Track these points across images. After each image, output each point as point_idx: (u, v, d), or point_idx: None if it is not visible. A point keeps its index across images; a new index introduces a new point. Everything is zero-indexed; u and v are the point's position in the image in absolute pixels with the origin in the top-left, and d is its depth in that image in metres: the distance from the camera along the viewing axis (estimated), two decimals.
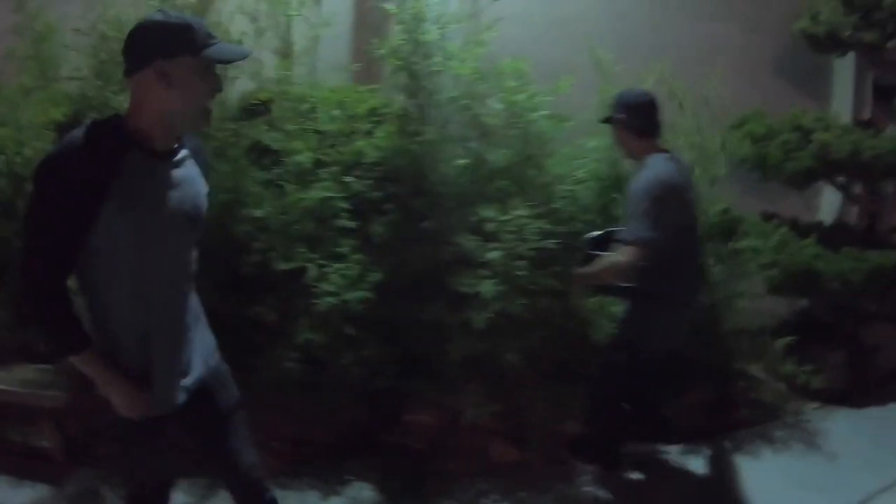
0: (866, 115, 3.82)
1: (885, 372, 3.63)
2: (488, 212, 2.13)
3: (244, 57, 1.29)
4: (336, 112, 2.48)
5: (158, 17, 1.17)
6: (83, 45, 2.62)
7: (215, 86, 1.21)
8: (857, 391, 3.46)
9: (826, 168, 3.24)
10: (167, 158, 1.22)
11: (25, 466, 2.55)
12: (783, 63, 4.06)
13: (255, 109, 2.59)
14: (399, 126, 2.40)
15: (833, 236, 3.47)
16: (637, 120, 2.13)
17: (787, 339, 3.16)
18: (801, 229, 3.48)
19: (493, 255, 2.13)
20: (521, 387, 2.46)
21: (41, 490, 2.43)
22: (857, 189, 3.64)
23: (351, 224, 2.36)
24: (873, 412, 3.38)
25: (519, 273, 2.14)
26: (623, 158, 2.43)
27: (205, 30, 1.18)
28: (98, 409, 1.27)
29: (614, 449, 2.60)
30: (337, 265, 2.30)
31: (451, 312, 2.26)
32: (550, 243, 2.20)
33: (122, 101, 2.35)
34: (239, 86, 2.55)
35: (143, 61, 1.13)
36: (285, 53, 2.64)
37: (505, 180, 2.29)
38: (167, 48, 1.13)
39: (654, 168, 2.08)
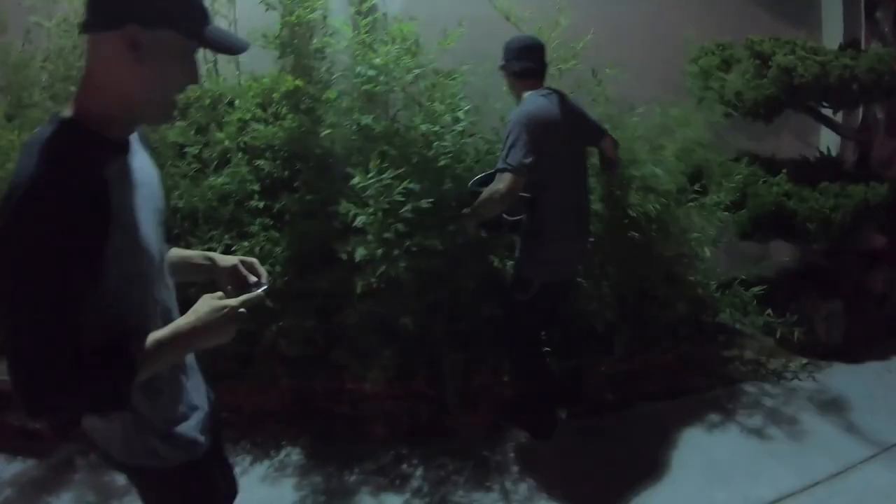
0: (859, 37, 3.38)
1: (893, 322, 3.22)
2: (357, 177, 2.17)
3: (244, 50, 1.00)
4: (252, 99, 2.61)
5: None
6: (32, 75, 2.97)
7: (193, 75, 0.97)
8: (856, 344, 3.10)
9: (791, 96, 2.92)
10: (127, 149, 0.98)
11: (21, 446, 2.99)
12: None
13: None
14: (292, 105, 2.49)
15: (814, 172, 3.13)
16: (518, 64, 2.23)
17: (758, 290, 2.89)
18: (775, 167, 3.16)
19: (362, 219, 2.17)
20: (427, 349, 2.48)
21: (30, 464, 2.83)
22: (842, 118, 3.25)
23: (260, 204, 2.49)
24: (871, 367, 3.03)
25: (388, 236, 2.16)
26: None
27: (202, 5, 0.95)
28: None
29: (545, 411, 2.56)
30: (244, 243, 2.44)
31: (342, 280, 2.33)
32: (424, 203, 2.19)
33: None
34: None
35: (114, 19, 0.87)
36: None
37: (385, 144, 2.32)
38: (150, 14, 0.88)
39: (528, 103, 2.18)
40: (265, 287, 1.13)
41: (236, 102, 2.54)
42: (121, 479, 2.65)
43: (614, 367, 2.84)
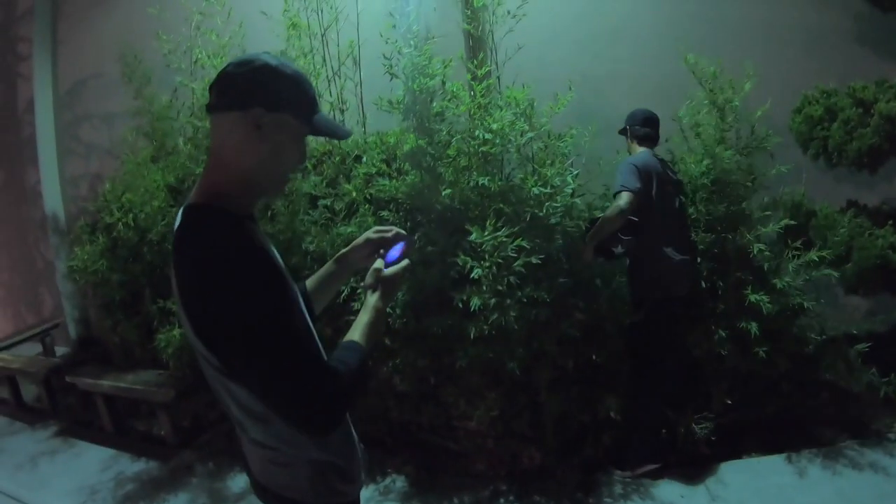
0: None
1: None
2: (475, 233, 2.37)
3: (347, 137, 1.14)
4: (377, 156, 2.88)
5: (271, 60, 1.02)
6: (177, 126, 3.38)
7: (304, 156, 1.09)
8: None
9: (893, 144, 2.88)
10: (256, 220, 1.11)
11: (144, 448, 3.40)
12: (860, 33, 3.63)
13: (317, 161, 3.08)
14: (414, 162, 2.73)
15: None
16: (642, 130, 2.64)
17: (862, 346, 2.84)
18: (881, 218, 3.09)
19: (478, 271, 2.35)
20: (531, 393, 2.61)
21: (152, 465, 3.19)
22: None
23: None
24: None
25: (500, 287, 2.33)
26: None
27: (314, 93, 1.07)
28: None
29: (652, 442, 2.69)
30: None
31: (455, 325, 2.51)
32: (535, 259, 2.35)
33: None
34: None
35: (241, 103, 0.99)
36: (340, 108, 3.16)
37: (499, 203, 2.50)
38: (273, 99, 1.00)
39: (640, 155, 2.58)
40: (405, 234, 1.28)
41: (363, 158, 2.80)
42: (235, 487, 2.97)
43: (712, 421, 2.85)
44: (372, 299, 1.15)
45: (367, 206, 2.72)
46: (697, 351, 2.73)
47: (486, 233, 2.36)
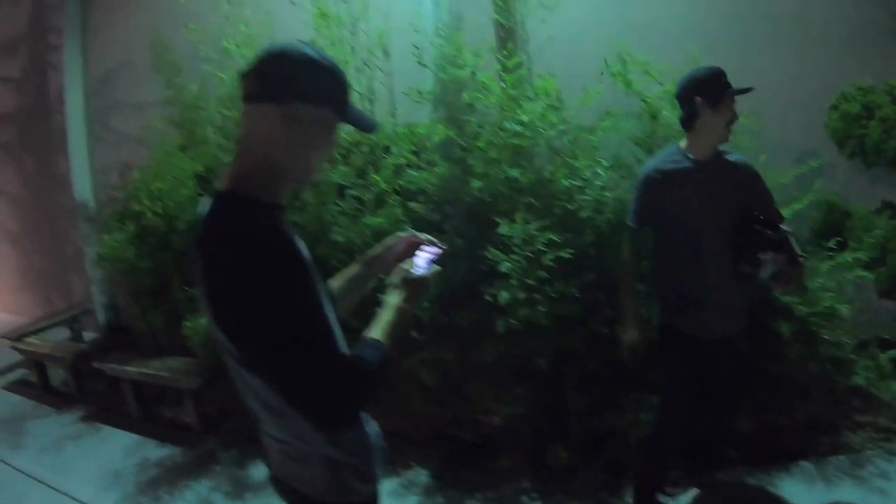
0: None
1: None
2: (504, 226, 2.35)
3: (376, 130, 1.17)
4: (406, 147, 2.84)
5: (310, 52, 0.99)
6: (206, 116, 3.40)
7: (334, 147, 1.10)
8: None
9: None
10: (284, 209, 1.08)
11: (170, 434, 3.45)
12: None
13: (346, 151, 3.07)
14: (444, 153, 2.72)
15: None
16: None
17: (894, 352, 2.77)
18: None
19: (507, 265, 2.33)
20: (557, 390, 2.59)
21: (176, 451, 3.23)
22: None
23: None
24: None
25: (530, 282, 2.31)
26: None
27: (348, 85, 1.06)
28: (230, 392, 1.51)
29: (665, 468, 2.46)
30: None
31: (483, 319, 2.50)
32: (565, 253, 2.32)
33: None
34: None
35: (279, 95, 0.97)
36: (369, 98, 3.14)
37: (529, 196, 2.48)
38: (312, 93, 0.99)
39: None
40: (437, 242, 1.28)
41: (392, 149, 2.79)
42: (257, 476, 2.99)
43: (740, 425, 2.81)
44: (395, 299, 1.13)
45: (395, 197, 2.71)
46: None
47: (517, 225, 2.33)
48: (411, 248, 1.30)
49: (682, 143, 2.03)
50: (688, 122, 1.96)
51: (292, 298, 0.91)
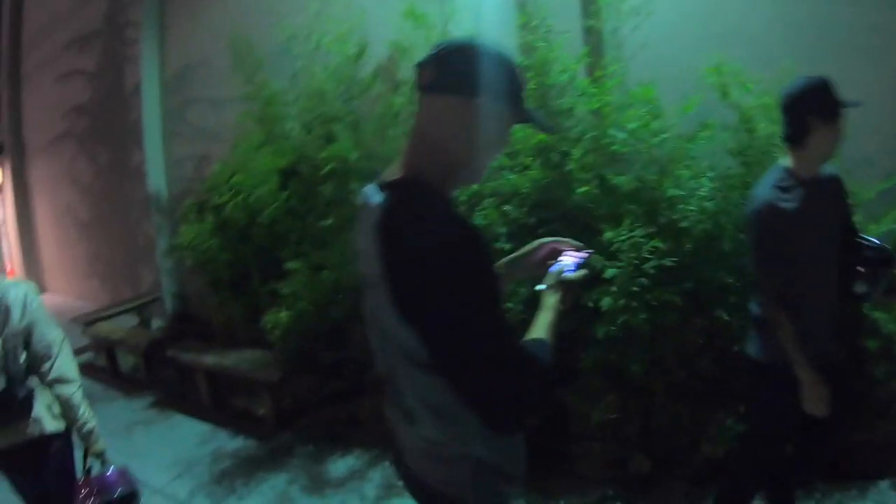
0: None
1: None
2: (609, 232, 2.34)
3: (554, 132, 1.32)
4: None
5: (494, 49, 0.99)
6: (293, 111, 3.45)
7: (506, 148, 1.19)
8: None
9: None
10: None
11: (243, 425, 3.48)
12: None
13: None
14: (541, 157, 2.71)
15: None
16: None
17: None
18: None
19: (612, 271, 2.32)
20: (652, 400, 2.56)
21: (250, 443, 3.25)
22: None
23: (508, 247, 2.71)
24: None
25: (635, 289, 2.29)
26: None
27: (525, 85, 1.06)
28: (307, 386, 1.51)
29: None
30: None
31: (579, 324, 2.49)
32: (668, 261, 2.30)
33: (324, 155, 3.06)
34: None
35: (464, 89, 0.96)
36: None
37: (632, 203, 2.47)
38: (497, 90, 0.99)
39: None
40: (583, 246, 1.28)
41: None
42: (335, 471, 3.00)
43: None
44: (553, 300, 1.15)
45: (490, 198, 2.71)
46: None
47: (622, 232, 2.32)
48: (553, 254, 1.29)
49: (787, 162, 1.83)
50: (797, 139, 1.77)
51: (485, 289, 0.90)
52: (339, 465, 3.03)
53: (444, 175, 1.00)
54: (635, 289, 2.31)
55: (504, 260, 1.34)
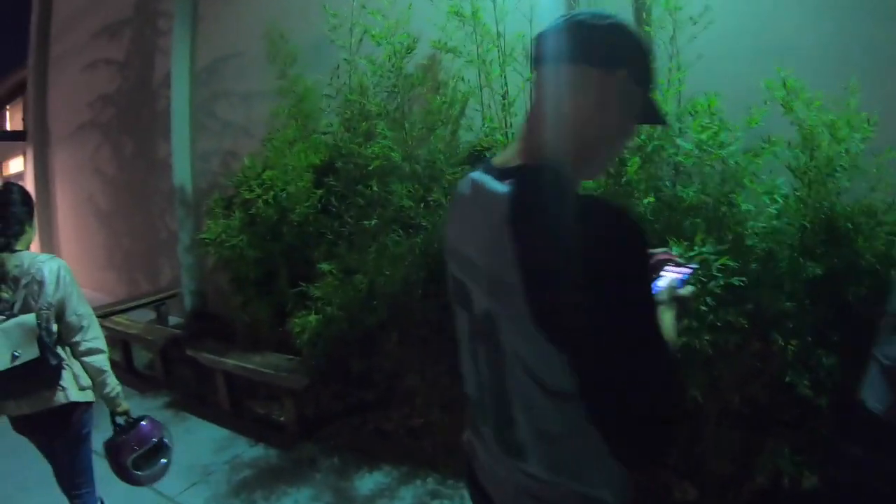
0: None
1: None
2: (676, 248, 2.19)
3: (666, 124, 1.10)
4: None
5: (633, 28, 0.88)
6: (333, 106, 3.33)
7: (633, 136, 1.08)
8: None
9: None
10: None
11: (262, 433, 3.32)
12: None
13: (478, 155, 2.97)
14: None
15: None
16: None
17: None
18: None
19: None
20: (700, 425, 2.40)
21: (271, 452, 3.09)
22: None
23: None
24: None
25: (703, 308, 2.14)
26: None
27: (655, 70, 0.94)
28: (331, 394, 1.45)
29: None
30: None
31: None
32: (736, 280, 2.15)
33: (366, 153, 2.94)
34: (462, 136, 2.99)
35: (610, 61, 0.84)
36: (502, 105, 3.04)
37: (696, 217, 2.32)
38: (638, 70, 0.87)
39: None
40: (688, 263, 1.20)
41: None
42: (363, 488, 2.82)
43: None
44: (669, 316, 1.03)
45: None
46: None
47: (694, 247, 2.17)
48: (657, 266, 1.19)
49: None
50: None
51: (642, 287, 0.77)
52: (367, 481, 2.86)
53: (571, 162, 0.86)
54: (703, 308, 2.16)
55: None
